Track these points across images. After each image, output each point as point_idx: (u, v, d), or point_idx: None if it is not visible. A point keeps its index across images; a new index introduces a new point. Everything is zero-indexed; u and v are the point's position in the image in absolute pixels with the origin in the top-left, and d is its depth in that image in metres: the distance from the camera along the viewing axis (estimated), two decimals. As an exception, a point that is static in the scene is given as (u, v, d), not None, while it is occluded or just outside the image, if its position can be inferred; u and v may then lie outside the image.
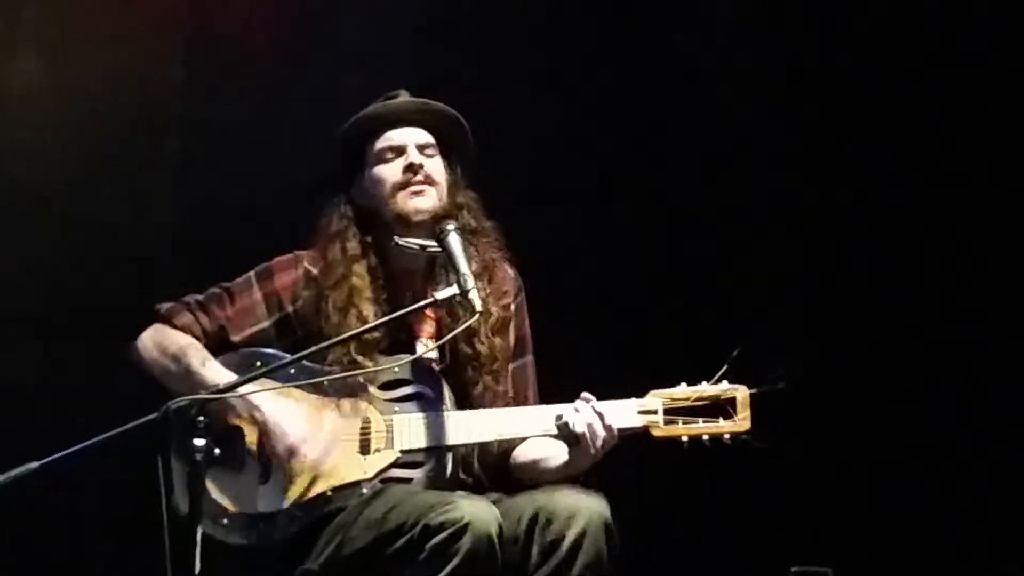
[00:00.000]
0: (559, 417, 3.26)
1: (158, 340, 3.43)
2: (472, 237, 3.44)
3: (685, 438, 3.26)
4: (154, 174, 4.59)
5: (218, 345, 3.42)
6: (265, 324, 3.46)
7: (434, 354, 3.44)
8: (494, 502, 3.28)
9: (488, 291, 3.42)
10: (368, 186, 3.46)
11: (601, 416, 3.22)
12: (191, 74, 4.57)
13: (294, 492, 3.31)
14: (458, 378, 3.43)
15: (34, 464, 2.79)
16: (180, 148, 4.60)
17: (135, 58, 4.51)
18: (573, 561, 3.13)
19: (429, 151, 3.45)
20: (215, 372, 3.32)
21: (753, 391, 3.25)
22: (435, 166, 3.45)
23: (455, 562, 3.04)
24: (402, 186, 3.40)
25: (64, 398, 4.30)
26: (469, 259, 3.30)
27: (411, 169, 3.40)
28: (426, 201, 3.41)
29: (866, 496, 4.74)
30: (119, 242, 4.50)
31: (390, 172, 3.42)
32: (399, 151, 3.43)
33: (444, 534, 3.05)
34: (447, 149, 3.50)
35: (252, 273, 3.51)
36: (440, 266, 3.43)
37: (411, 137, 3.45)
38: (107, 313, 4.26)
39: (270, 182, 4.54)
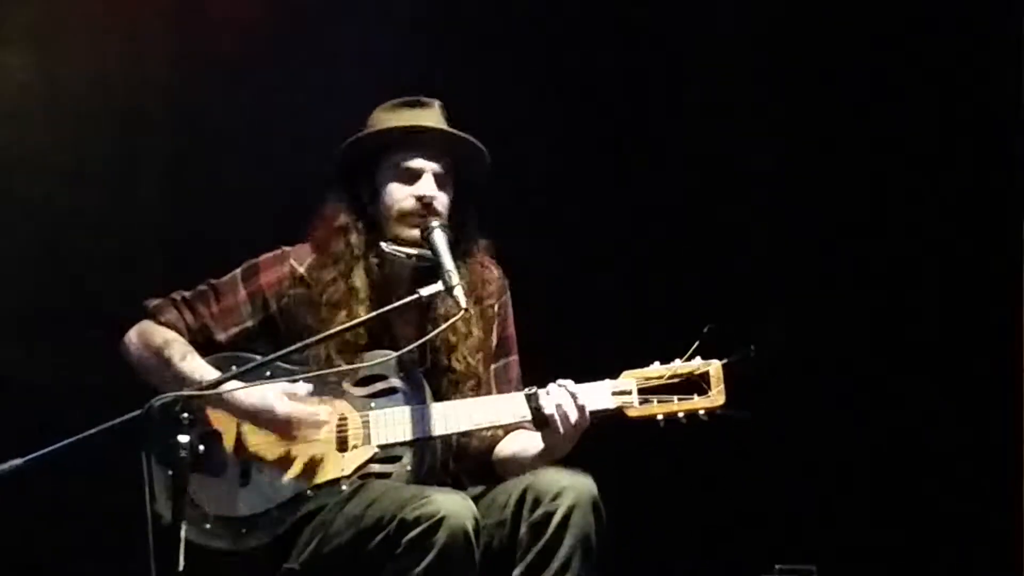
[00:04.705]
0: (530, 388, 3.28)
1: (143, 336, 3.46)
2: (464, 257, 3.46)
3: (660, 417, 3.27)
4: (143, 172, 4.58)
5: (203, 343, 3.45)
6: (249, 324, 3.49)
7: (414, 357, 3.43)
8: (479, 493, 3.30)
9: (473, 312, 3.44)
10: (375, 192, 3.48)
11: (572, 397, 3.23)
12: (180, 72, 4.58)
13: (275, 492, 3.33)
14: (435, 388, 3.43)
15: (18, 460, 2.79)
16: (169, 146, 4.60)
17: (123, 56, 4.53)
18: (561, 538, 3.14)
19: (443, 180, 3.47)
20: (195, 367, 3.34)
21: (724, 361, 3.27)
22: (443, 197, 3.46)
23: (431, 556, 3.06)
24: (408, 213, 3.43)
25: (52, 394, 4.28)
26: (458, 270, 3.28)
27: (422, 200, 3.42)
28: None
29: (851, 494, 4.73)
30: (108, 240, 4.50)
31: (401, 195, 3.44)
32: (416, 175, 3.45)
33: (419, 528, 3.07)
34: (460, 172, 3.52)
35: (238, 271, 3.53)
36: (428, 274, 3.34)
37: (431, 165, 3.45)
38: (97, 310, 4.26)
39: (259, 180, 4.54)
